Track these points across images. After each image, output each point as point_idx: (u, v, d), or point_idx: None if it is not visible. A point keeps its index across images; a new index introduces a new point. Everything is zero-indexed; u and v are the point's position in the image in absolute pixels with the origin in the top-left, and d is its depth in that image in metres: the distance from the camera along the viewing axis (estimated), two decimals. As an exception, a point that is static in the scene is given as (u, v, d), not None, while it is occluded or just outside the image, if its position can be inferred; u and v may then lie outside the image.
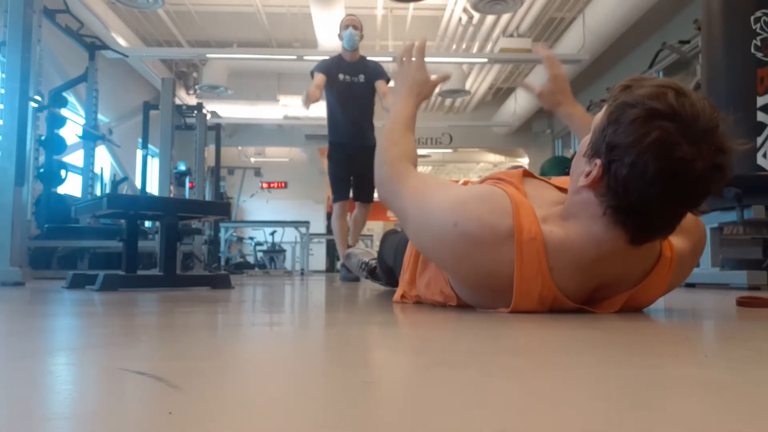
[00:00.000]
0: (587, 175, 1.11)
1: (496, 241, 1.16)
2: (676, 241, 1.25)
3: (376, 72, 4.19)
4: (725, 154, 1.01)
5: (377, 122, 4.20)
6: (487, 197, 1.21)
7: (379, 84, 4.14)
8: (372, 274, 2.60)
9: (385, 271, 2.21)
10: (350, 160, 4.14)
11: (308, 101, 3.89)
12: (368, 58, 4.29)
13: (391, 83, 4.00)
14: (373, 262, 2.62)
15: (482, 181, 1.42)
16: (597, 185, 1.10)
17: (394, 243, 2.05)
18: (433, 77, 1.63)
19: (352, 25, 4.12)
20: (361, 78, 4.14)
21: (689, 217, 1.15)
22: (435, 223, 1.24)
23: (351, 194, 4.32)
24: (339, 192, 4.18)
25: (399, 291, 1.68)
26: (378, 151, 1.50)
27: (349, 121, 4.12)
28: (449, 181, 1.42)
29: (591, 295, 1.24)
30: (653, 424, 0.37)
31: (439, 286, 1.44)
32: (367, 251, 2.88)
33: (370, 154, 4.54)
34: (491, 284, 1.21)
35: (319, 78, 4.03)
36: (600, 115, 1.12)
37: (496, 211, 1.17)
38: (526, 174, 1.40)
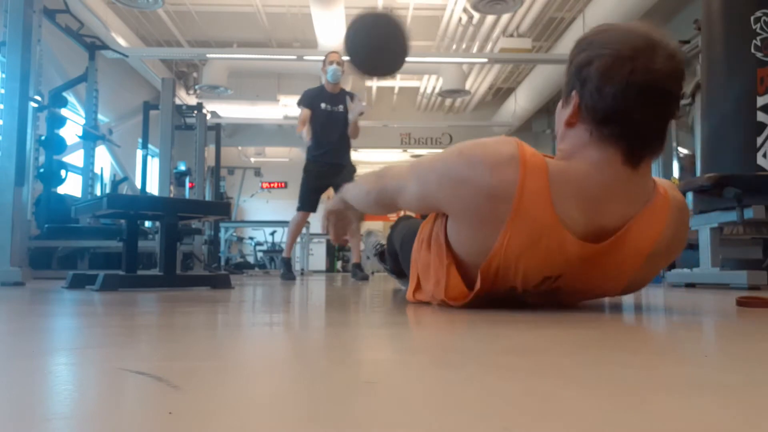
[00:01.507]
0: (568, 112, 1.21)
1: (500, 163, 1.20)
2: (671, 190, 1.31)
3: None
4: (677, 58, 1.14)
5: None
6: (489, 139, 1.30)
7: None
8: (380, 256, 2.62)
9: (392, 254, 2.21)
10: (325, 175, 4.58)
11: (305, 134, 4.53)
12: (347, 91, 4.79)
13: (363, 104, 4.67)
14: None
15: None
16: (578, 115, 1.19)
17: (404, 228, 2.05)
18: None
19: (336, 61, 4.56)
20: (341, 108, 4.61)
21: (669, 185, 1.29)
22: (439, 162, 1.31)
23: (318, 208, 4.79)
24: (307, 203, 4.60)
25: (409, 290, 1.67)
26: (359, 192, 1.66)
27: (328, 141, 4.56)
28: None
29: (595, 236, 1.22)
30: (653, 424, 0.37)
31: (437, 276, 1.43)
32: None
33: (343, 171, 4.57)
34: (492, 212, 1.20)
35: (305, 114, 4.57)
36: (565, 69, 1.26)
37: (500, 142, 1.26)
38: None
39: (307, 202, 4.60)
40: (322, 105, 4.54)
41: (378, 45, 2.99)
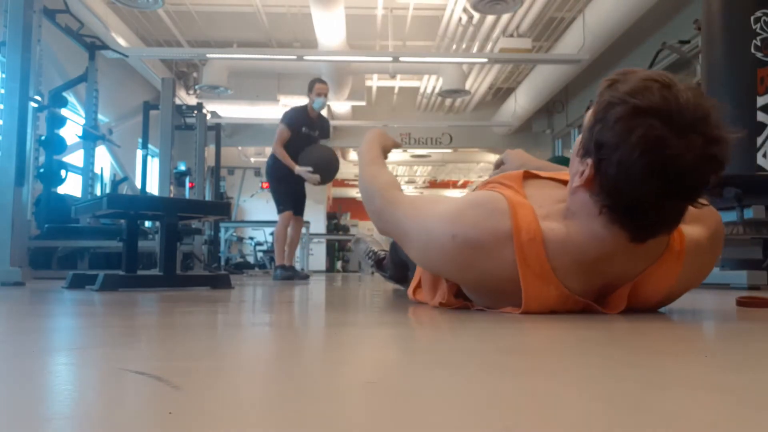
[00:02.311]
0: (581, 174, 1.10)
1: (498, 244, 1.14)
2: (691, 231, 1.21)
3: (326, 132, 5.04)
4: (718, 144, 0.99)
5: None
6: (481, 202, 1.20)
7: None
8: (378, 265, 2.60)
9: (397, 264, 2.21)
10: (298, 183, 4.83)
11: (301, 170, 4.60)
12: (323, 117, 5.04)
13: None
14: (382, 252, 2.63)
15: (482, 187, 1.40)
16: (590, 185, 1.09)
17: None
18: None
19: (324, 94, 4.81)
20: (316, 133, 4.91)
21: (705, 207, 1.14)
22: (435, 238, 1.22)
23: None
24: (288, 204, 4.80)
25: (411, 285, 1.68)
26: (363, 186, 1.51)
27: (300, 163, 4.69)
28: (445, 196, 1.44)
29: (597, 294, 1.23)
30: (653, 424, 0.37)
31: (439, 285, 1.44)
32: (375, 240, 2.88)
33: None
34: (499, 287, 1.20)
35: (284, 134, 4.72)
36: (589, 113, 1.11)
37: (493, 214, 1.16)
38: (528, 175, 1.37)
39: (289, 203, 4.80)
40: (303, 129, 4.76)
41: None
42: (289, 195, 4.80)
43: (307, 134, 4.80)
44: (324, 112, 5.19)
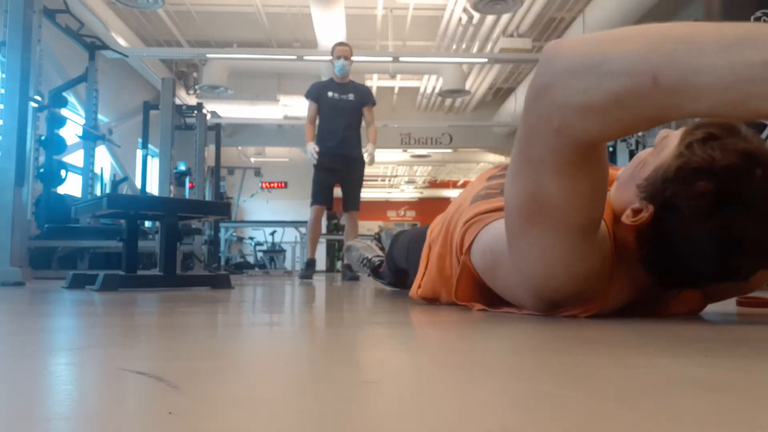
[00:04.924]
0: (635, 212, 1.02)
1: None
2: None
3: (365, 96, 4.54)
4: None
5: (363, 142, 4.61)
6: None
7: (366, 110, 4.51)
8: (375, 272, 2.57)
9: (395, 271, 2.19)
10: (336, 170, 4.43)
11: (310, 146, 4.36)
12: (357, 83, 4.62)
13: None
14: (377, 259, 2.59)
15: None
16: (642, 227, 1.03)
17: (405, 243, 2.01)
18: None
19: (344, 56, 4.45)
20: (351, 96, 4.48)
21: None
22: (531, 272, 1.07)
23: (334, 203, 4.60)
24: (319, 197, 4.40)
25: (415, 284, 1.65)
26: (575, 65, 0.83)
27: (337, 130, 4.42)
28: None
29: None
30: (653, 424, 0.37)
31: (445, 284, 1.43)
32: (369, 246, 2.84)
33: (354, 166, 4.52)
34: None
35: (312, 111, 4.47)
36: (669, 154, 0.99)
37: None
38: None
39: (320, 196, 4.40)
40: (329, 93, 4.44)
41: None
42: (322, 187, 4.39)
43: (337, 99, 4.43)
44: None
